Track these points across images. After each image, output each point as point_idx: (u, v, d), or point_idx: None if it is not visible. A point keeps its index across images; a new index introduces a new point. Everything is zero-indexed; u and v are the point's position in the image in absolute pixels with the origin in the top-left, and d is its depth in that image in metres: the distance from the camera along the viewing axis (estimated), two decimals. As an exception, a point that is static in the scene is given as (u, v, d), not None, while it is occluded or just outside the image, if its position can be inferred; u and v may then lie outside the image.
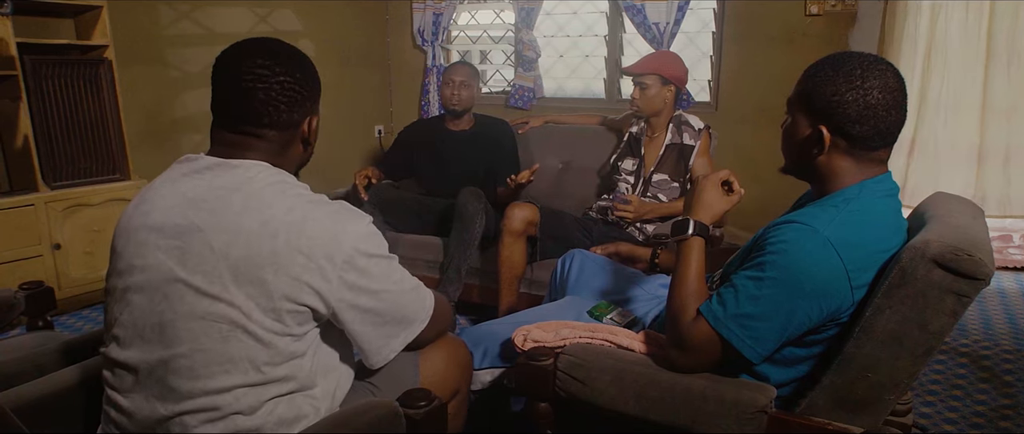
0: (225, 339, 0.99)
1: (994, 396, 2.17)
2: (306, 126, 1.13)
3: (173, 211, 1.02)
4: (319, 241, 1.00)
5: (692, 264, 1.28)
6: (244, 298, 0.98)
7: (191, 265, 0.99)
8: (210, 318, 0.98)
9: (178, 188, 1.05)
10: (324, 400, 1.12)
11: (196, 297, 0.99)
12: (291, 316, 1.01)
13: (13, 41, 2.72)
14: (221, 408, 1.00)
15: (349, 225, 1.04)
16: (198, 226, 1.00)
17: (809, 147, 1.22)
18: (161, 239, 1.01)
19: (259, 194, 1.02)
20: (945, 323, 1.10)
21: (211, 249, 0.98)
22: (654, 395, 1.22)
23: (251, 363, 1.00)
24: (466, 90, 3.04)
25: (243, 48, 1.08)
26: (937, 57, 3.34)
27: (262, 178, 1.05)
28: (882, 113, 1.16)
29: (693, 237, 1.30)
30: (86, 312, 3.04)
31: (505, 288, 2.59)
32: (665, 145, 2.73)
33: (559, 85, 4.55)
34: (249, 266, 0.98)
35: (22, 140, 2.83)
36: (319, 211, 1.03)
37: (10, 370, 1.26)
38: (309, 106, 1.12)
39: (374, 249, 1.07)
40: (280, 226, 0.99)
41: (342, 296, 1.04)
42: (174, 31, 3.57)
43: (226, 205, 1.01)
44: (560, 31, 4.40)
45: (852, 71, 1.16)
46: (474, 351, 1.55)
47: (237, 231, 0.99)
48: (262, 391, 1.02)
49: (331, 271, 1.01)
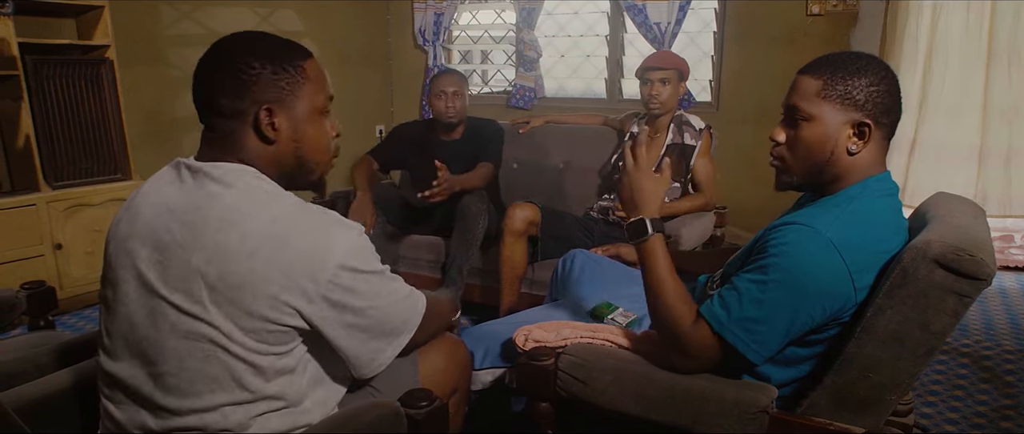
0: (207, 359, 0.96)
1: (996, 396, 2.16)
2: (256, 116, 1.01)
3: (157, 222, 0.99)
4: (300, 259, 0.95)
5: (661, 262, 1.26)
6: (223, 318, 0.95)
7: (172, 283, 0.96)
8: (192, 337, 0.96)
9: (163, 197, 1.01)
10: (318, 409, 1.09)
11: (177, 316, 0.96)
12: (272, 335, 0.97)
13: (15, 41, 2.72)
14: (209, 426, 0.98)
15: (334, 240, 0.98)
16: (178, 242, 0.96)
17: (843, 145, 1.19)
18: (144, 251, 0.98)
19: (237, 206, 0.97)
20: (946, 323, 1.10)
21: (190, 267, 0.94)
22: (655, 395, 1.22)
23: (236, 382, 0.98)
24: (459, 100, 2.90)
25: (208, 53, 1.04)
26: (938, 57, 3.34)
27: (242, 185, 0.99)
28: (898, 104, 1.20)
29: (653, 235, 1.28)
30: (87, 312, 3.04)
31: (506, 288, 2.59)
32: (666, 145, 2.73)
33: (560, 85, 4.56)
34: (227, 286, 0.94)
35: (24, 140, 2.84)
36: (302, 224, 0.98)
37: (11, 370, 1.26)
38: (256, 93, 1.01)
39: (361, 264, 1.01)
40: (260, 243, 0.94)
41: (325, 315, 0.99)
42: (175, 31, 3.58)
43: (205, 220, 0.96)
44: (561, 31, 4.40)
45: (869, 64, 1.18)
46: (475, 351, 1.55)
47: (214, 249, 0.94)
48: (251, 408, 1.00)
49: (314, 291, 0.96)
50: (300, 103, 1.05)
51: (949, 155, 3.41)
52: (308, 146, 1.08)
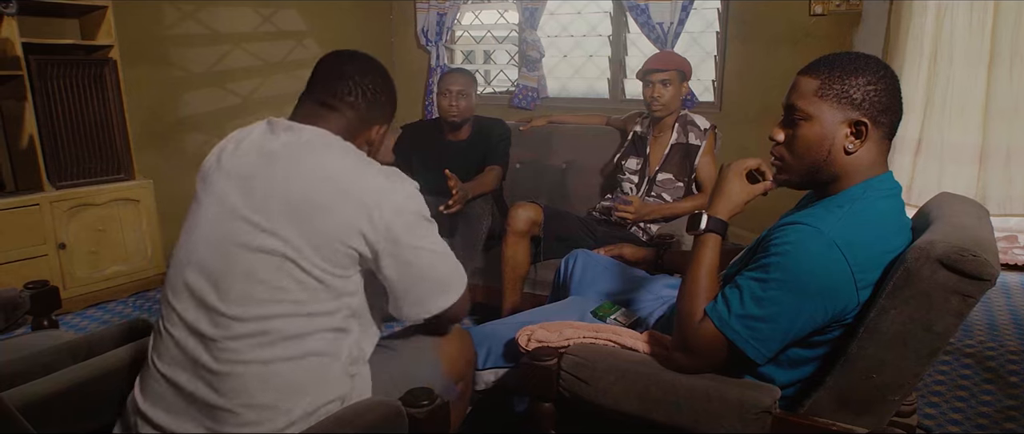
0: (277, 271, 1.08)
1: (999, 397, 2.16)
2: (375, 130, 1.29)
3: (247, 158, 1.15)
4: (371, 192, 1.11)
5: (703, 261, 1.26)
6: (297, 235, 1.08)
7: (254, 203, 1.10)
8: (264, 251, 1.08)
9: (255, 144, 1.17)
10: (355, 345, 1.19)
11: (254, 232, 1.08)
12: (337, 256, 1.10)
13: (18, 41, 2.73)
14: (269, 333, 1.08)
15: (399, 184, 1.16)
16: (264, 170, 1.12)
17: (840, 144, 1.19)
18: (230, 183, 1.13)
19: (324, 150, 1.15)
20: (950, 324, 1.09)
21: (273, 190, 1.10)
22: (658, 395, 1.22)
23: (300, 294, 1.09)
24: (465, 99, 2.87)
25: (354, 52, 1.30)
26: (942, 57, 3.33)
27: (329, 139, 1.18)
28: (898, 104, 1.20)
29: (706, 233, 1.28)
30: (91, 311, 3.05)
31: (509, 288, 2.59)
32: (670, 144, 2.73)
33: (563, 85, 4.56)
34: (306, 207, 1.08)
35: (27, 140, 2.85)
36: (374, 168, 1.16)
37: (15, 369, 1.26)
38: (381, 115, 1.29)
39: (421, 209, 1.18)
40: (338, 175, 1.11)
41: (385, 246, 1.13)
42: (178, 31, 3.58)
43: (293, 155, 1.13)
44: (564, 31, 4.40)
45: (867, 64, 1.18)
46: (478, 351, 1.55)
47: (298, 176, 1.10)
48: (307, 322, 1.10)
49: (379, 219, 1.11)
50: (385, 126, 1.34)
51: (952, 154, 3.41)
52: (378, 153, 1.33)
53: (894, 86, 1.19)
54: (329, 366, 1.13)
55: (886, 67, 1.20)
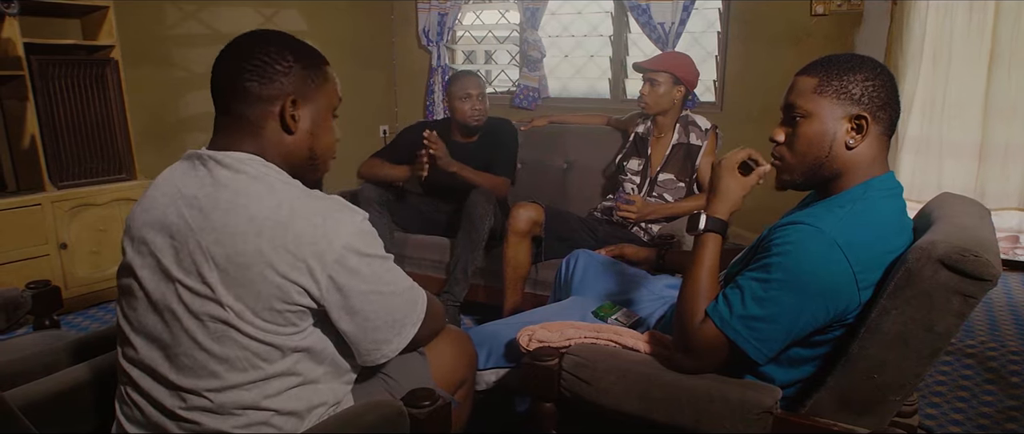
0: (220, 339, 0.99)
1: (1000, 397, 2.16)
2: (283, 106, 1.07)
3: (170, 209, 1.03)
4: (307, 239, 0.98)
5: (703, 262, 1.25)
6: (234, 299, 0.98)
7: (185, 265, 1.00)
8: (205, 319, 0.99)
9: (176, 185, 1.05)
10: (331, 390, 1.12)
11: (191, 297, 0.99)
12: (283, 316, 1.00)
13: (20, 41, 2.73)
14: (225, 405, 1.01)
15: (341, 222, 1.01)
16: (189, 225, 1.00)
17: (841, 140, 1.20)
18: (159, 238, 1.03)
19: (246, 190, 1.01)
20: (951, 324, 1.09)
21: (200, 249, 0.98)
22: (659, 395, 1.22)
23: (249, 361, 1.01)
24: (483, 103, 2.87)
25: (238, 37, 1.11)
26: (942, 57, 3.34)
27: (250, 172, 1.03)
28: (896, 101, 1.21)
29: (706, 233, 1.28)
30: (92, 311, 3.05)
31: (510, 288, 2.59)
32: (672, 145, 2.73)
33: (564, 85, 4.56)
34: (235, 267, 0.97)
35: (29, 140, 2.85)
36: (309, 207, 1.01)
37: (17, 369, 1.26)
38: (285, 84, 1.07)
39: (367, 248, 1.04)
40: (266, 224, 0.98)
41: (331, 297, 1.02)
42: (180, 31, 3.59)
43: (214, 203, 1.00)
44: (565, 31, 4.40)
45: (864, 62, 1.20)
46: (479, 351, 1.55)
47: (222, 230, 0.98)
48: (264, 386, 1.03)
49: (320, 271, 0.99)
50: (320, 101, 1.13)
51: (951, 152, 3.44)
52: (320, 142, 1.14)
53: (891, 83, 1.20)
54: (296, 426, 1.07)
55: (882, 66, 1.21)
